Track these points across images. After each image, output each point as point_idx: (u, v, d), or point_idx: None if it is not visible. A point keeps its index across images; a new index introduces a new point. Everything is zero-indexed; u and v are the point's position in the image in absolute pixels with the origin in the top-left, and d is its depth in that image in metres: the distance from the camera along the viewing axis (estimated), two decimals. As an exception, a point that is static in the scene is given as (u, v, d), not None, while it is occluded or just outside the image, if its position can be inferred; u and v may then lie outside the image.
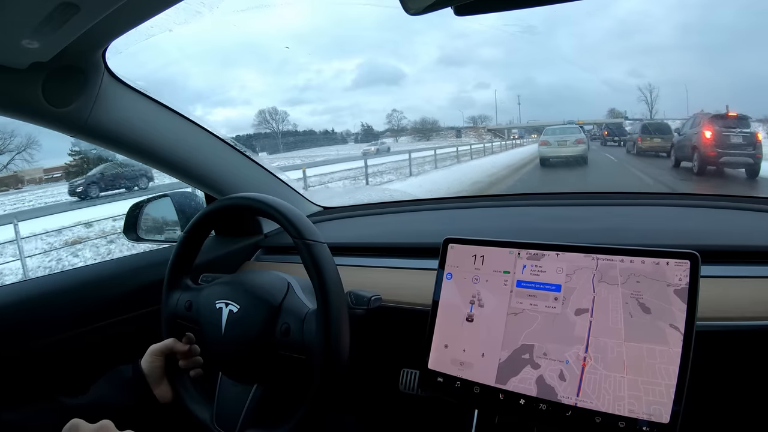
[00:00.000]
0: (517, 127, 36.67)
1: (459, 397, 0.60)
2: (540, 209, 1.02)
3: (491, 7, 0.49)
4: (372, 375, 0.83)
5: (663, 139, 10.74)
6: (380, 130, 40.00)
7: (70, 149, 15.67)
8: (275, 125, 36.97)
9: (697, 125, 8.01)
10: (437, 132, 38.92)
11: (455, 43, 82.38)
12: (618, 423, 0.49)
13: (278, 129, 36.78)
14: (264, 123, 36.93)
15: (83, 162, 15.33)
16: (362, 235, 1.04)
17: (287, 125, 37.97)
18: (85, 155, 15.31)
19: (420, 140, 35.44)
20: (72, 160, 16.39)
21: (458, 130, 39.29)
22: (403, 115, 41.28)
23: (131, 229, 1.02)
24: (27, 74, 0.62)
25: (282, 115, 38.29)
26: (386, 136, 38.50)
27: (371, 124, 42.54)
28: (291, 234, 0.64)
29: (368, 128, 39.69)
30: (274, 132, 35.92)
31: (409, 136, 37.92)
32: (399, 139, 37.62)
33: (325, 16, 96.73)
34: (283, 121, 37.79)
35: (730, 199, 0.90)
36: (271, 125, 36.75)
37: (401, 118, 41.18)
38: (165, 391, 0.68)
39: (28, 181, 17.89)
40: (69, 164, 16.68)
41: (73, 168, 16.03)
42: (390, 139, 37.04)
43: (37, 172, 18.16)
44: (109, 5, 0.49)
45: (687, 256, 0.51)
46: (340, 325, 0.61)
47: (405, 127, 40.63)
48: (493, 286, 0.61)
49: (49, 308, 0.77)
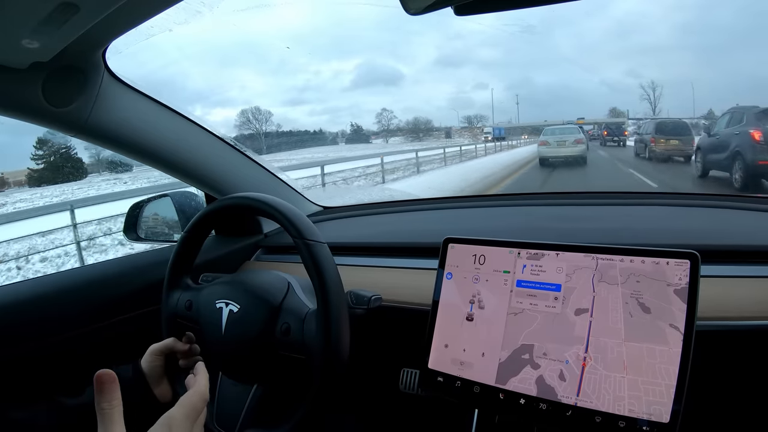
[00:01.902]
0: (501, 126, 34.43)
1: (459, 396, 0.60)
2: (540, 209, 1.02)
3: (491, 7, 0.49)
4: (372, 375, 0.83)
5: (681, 140, 9.23)
6: (373, 130, 39.06)
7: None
8: (258, 125, 35.58)
9: (740, 123, 5.97)
10: (430, 132, 37.98)
11: (454, 44, 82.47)
12: (618, 422, 0.49)
13: (261, 130, 35.38)
14: (246, 124, 35.40)
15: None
16: (362, 235, 1.04)
17: (271, 125, 36.65)
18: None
19: (413, 141, 34.46)
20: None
21: (447, 130, 38.38)
22: (393, 115, 40.03)
23: (131, 229, 1.02)
24: (27, 74, 0.62)
25: (265, 115, 37.08)
26: (377, 137, 37.39)
27: (367, 124, 41.55)
28: (291, 234, 0.64)
29: (357, 128, 38.79)
30: (257, 133, 34.36)
31: (402, 136, 36.67)
32: (389, 140, 36.32)
33: (324, 16, 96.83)
34: (266, 122, 36.48)
35: (731, 199, 0.90)
36: (253, 126, 35.31)
37: (392, 118, 39.97)
38: (165, 391, 0.68)
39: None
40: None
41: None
42: (380, 140, 35.92)
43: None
44: (109, 5, 0.49)
45: (687, 255, 0.51)
46: (340, 324, 0.61)
47: (396, 127, 39.34)
48: (493, 285, 0.61)
49: (49, 308, 0.77)
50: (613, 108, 33.46)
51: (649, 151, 9.92)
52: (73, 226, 5.61)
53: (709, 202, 0.91)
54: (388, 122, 40.18)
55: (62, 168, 19.05)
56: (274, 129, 37.20)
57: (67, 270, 0.88)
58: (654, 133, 9.93)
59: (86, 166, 20.49)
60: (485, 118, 39.96)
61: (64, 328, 0.78)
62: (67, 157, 19.69)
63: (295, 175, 9.99)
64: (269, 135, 35.38)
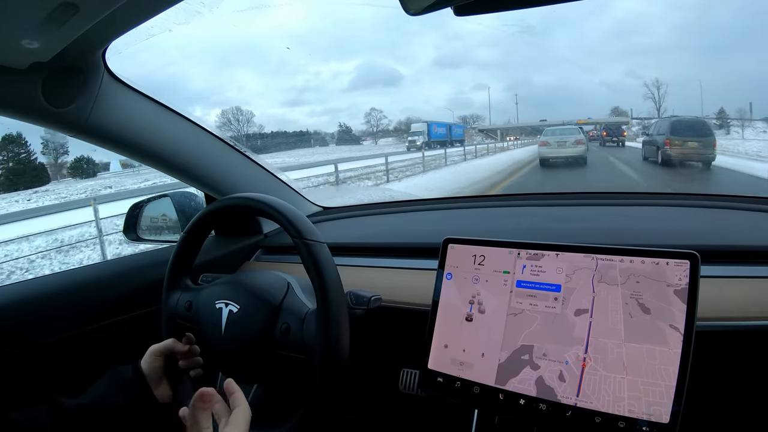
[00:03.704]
0: (458, 124, 24.89)
1: (459, 397, 0.60)
2: (540, 209, 1.02)
3: (491, 7, 0.49)
4: (372, 375, 0.83)
5: (701, 142, 7.85)
6: (363, 130, 37.48)
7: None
8: (239, 126, 33.74)
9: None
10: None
11: (453, 44, 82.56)
12: (618, 423, 0.49)
13: (243, 131, 33.52)
14: (227, 125, 33.33)
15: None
16: (362, 235, 1.04)
17: (252, 126, 34.97)
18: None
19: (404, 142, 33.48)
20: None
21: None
22: (383, 115, 38.07)
23: (131, 229, 1.02)
24: (27, 74, 0.62)
25: (247, 116, 35.30)
26: (367, 138, 35.24)
27: (361, 125, 39.98)
28: (291, 234, 0.64)
29: (347, 129, 37.33)
30: (237, 135, 32.38)
31: (396, 137, 34.94)
32: (379, 141, 34.63)
33: (324, 17, 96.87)
34: (248, 123, 34.70)
35: (730, 199, 0.89)
36: (234, 127, 33.47)
37: (381, 118, 37.82)
38: (165, 391, 0.68)
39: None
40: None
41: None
42: (368, 141, 33.96)
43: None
44: (109, 5, 0.49)
45: (687, 256, 0.51)
46: (339, 324, 0.61)
47: (386, 128, 37.52)
48: (492, 286, 0.61)
49: (49, 308, 0.77)
50: (616, 107, 31.89)
51: (663, 154, 8.38)
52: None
53: (708, 202, 0.91)
54: (377, 122, 38.12)
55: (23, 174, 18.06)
56: (256, 130, 35.62)
57: (68, 270, 0.88)
58: (669, 134, 8.36)
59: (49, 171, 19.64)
60: (481, 118, 37.81)
61: (64, 329, 0.78)
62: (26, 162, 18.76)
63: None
64: (251, 137, 33.67)
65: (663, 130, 8.87)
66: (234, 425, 0.52)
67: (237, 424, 0.52)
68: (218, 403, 0.55)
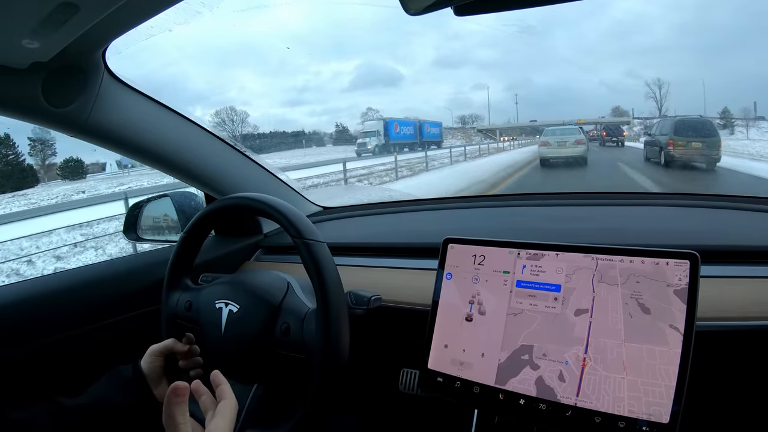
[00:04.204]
0: (435, 122, 19.59)
1: (459, 397, 0.60)
2: (540, 209, 1.02)
3: (491, 7, 0.49)
4: (372, 375, 0.83)
5: (705, 143, 7.58)
6: (360, 130, 37.27)
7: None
8: (233, 126, 32.72)
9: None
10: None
11: (453, 44, 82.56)
12: (618, 423, 0.49)
13: (238, 132, 32.58)
14: (221, 125, 31.90)
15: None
16: (362, 235, 1.04)
17: (247, 127, 34.08)
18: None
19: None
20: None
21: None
22: (380, 115, 37.80)
23: (131, 228, 1.02)
24: (27, 74, 0.62)
25: (242, 116, 34.42)
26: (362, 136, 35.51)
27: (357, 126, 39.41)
28: (291, 234, 0.64)
29: (344, 129, 36.58)
30: (233, 136, 31.27)
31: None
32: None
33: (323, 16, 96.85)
34: (242, 123, 33.76)
35: (730, 199, 0.89)
36: (228, 127, 32.28)
37: (378, 118, 38.15)
38: (165, 391, 0.68)
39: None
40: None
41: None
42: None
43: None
44: (109, 5, 0.49)
45: (687, 256, 0.51)
46: (339, 324, 0.61)
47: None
48: (492, 286, 0.61)
49: (49, 308, 0.77)
50: (616, 107, 31.35)
51: (666, 155, 8.07)
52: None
53: (708, 202, 0.91)
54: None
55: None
56: (250, 131, 34.78)
57: (69, 269, 0.88)
58: (672, 134, 8.08)
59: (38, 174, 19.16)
60: (481, 118, 37.51)
61: (64, 329, 0.78)
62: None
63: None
64: (246, 137, 32.72)
65: (666, 130, 8.66)
66: (221, 416, 0.52)
67: (224, 415, 0.52)
68: (204, 395, 0.55)
